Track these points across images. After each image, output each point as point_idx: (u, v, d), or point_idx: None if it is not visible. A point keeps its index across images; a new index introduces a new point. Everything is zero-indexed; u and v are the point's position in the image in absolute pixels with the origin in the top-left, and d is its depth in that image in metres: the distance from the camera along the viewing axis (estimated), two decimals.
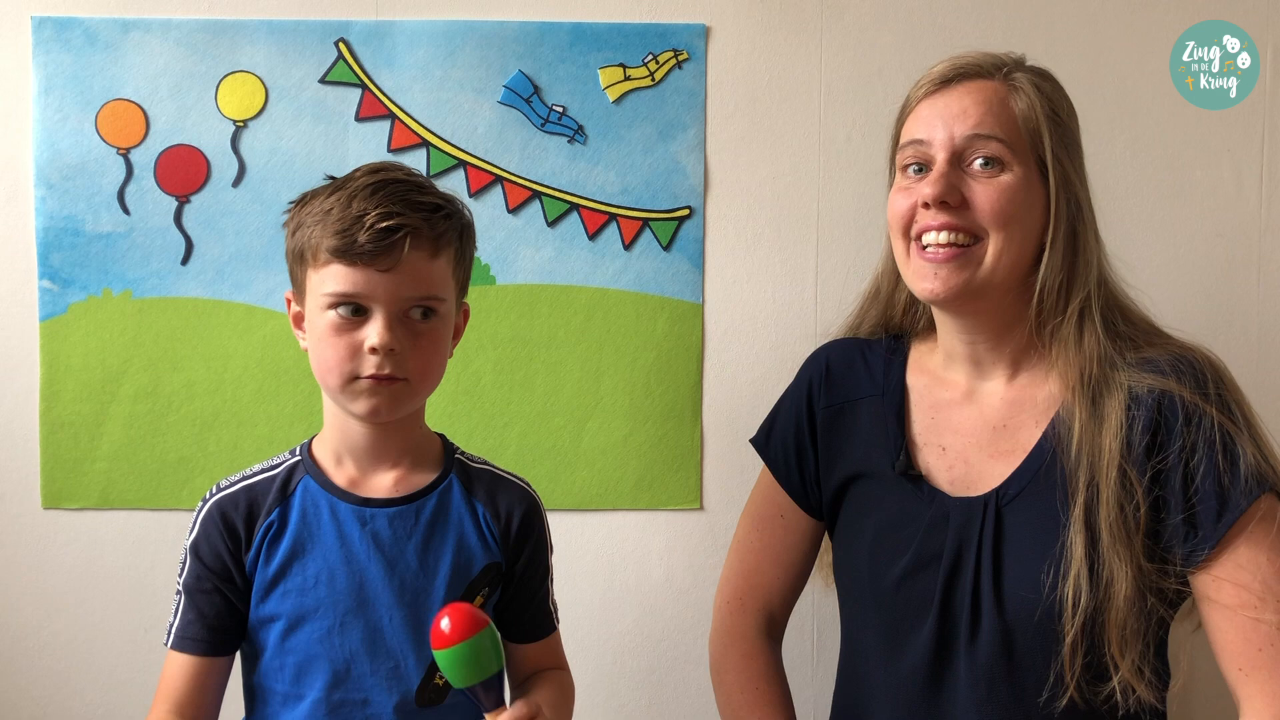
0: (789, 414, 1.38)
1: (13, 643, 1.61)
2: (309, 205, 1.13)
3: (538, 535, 1.21)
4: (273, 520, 1.14)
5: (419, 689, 1.14)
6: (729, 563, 1.42)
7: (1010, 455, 1.21)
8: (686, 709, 1.64)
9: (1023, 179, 1.17)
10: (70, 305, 1.57)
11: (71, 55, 1.56)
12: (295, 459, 1.18)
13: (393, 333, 1.09)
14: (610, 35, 1.58)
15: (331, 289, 1.09)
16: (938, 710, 1.20)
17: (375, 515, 1.15)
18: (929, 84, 1.21)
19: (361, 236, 1.07)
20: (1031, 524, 1.17)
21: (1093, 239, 1.20)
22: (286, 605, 1.13)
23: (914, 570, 1.21)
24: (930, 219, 1.18)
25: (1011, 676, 1.16)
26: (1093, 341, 1.18)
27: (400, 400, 1.12)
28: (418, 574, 1.14)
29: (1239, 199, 1.61)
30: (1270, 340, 1.61)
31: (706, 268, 1.61)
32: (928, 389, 1.30)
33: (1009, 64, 1.21)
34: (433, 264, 1.11)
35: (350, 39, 1.58)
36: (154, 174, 1.57)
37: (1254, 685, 1.12)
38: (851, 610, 1.31)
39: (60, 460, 1.59)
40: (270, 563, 1.13)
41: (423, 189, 1.13)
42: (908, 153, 1.22)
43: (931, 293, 1.19)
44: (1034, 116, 1.17)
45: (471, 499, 1.19)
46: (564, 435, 1.62)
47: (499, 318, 1.60)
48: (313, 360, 1.13)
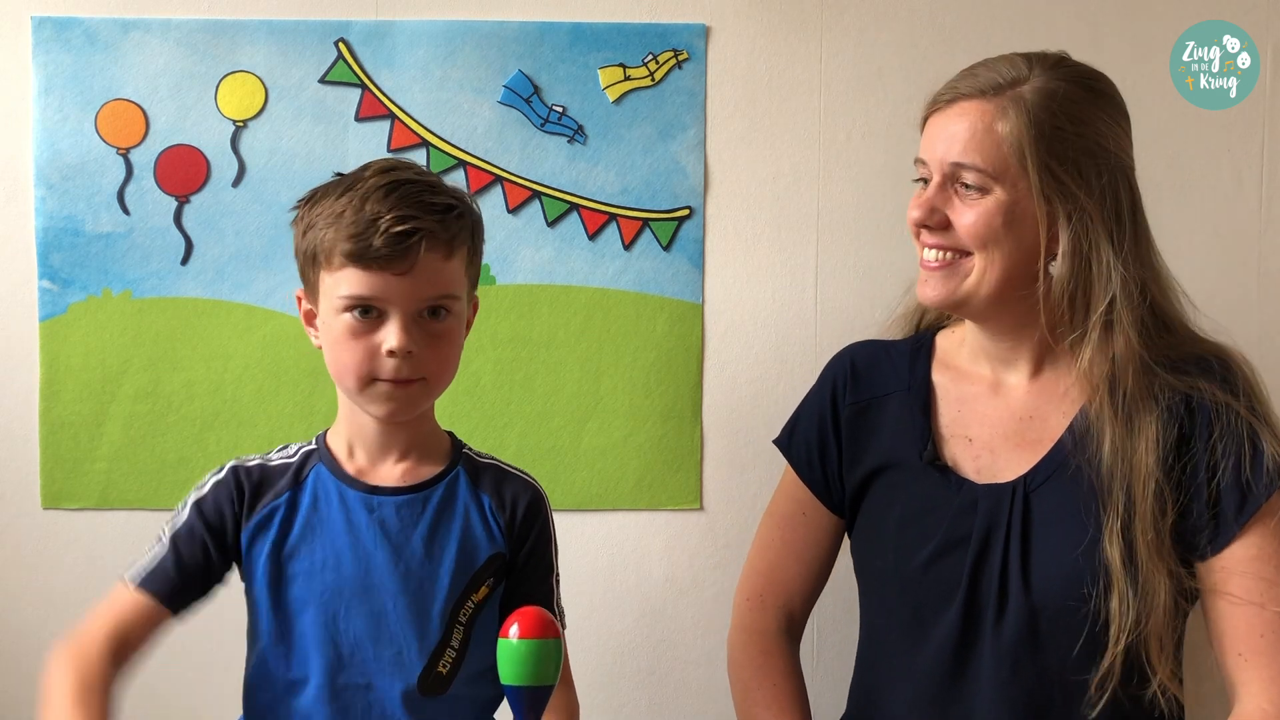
0: (812, 412, 1.39)
1: (13, 642, 1.60)
2: (319, 205, 1.13)
3: (541, 525, 1.22)
4: (280, 503, 1.15)
5: (421, 676, 1.14)
6: (749, 560, 1.43)
7: (1037, 445, 1.24)
8: (686, 709, 1.64)
9: (1006, 201, 1.18)
10: (70, 305, 1.57)
11: (71, 55, 1.55)
12: (311, 447, 1.20)
13: (409, 335, 1.10)
14: (610, 35, 1.58)
15: (346, 292, 1.10)
16: (959, 693, 1.22)
17: (383, 503, 1.16)
18: (936, 100, 1.24)
19: (377, 240, 1.07)
20: (1060, 508, 1.20)
21: (1109, 251, 1.18)
22: (293, 588, 1.14)
23: (941, 554, 1.24)
24: (924, 235, 1.23)
25: (1036, 657, 1.19)
26: (1126, 351, 1.18)
27: (417, 400, 1.14)
28: (423, 562, 1.15)
29: (1239, 199, 1.61)
30: (1270, 340, 1.61)
31: (706, 268, 1.61)
32: (953, 383, 1.32)
33: (1020, 76, 1.19)
34: (447, 264, 1.12)
35: (350, 39, 1.57)
36: (154, 174, 1.57)
37: (1252, 670, 1.15)
38: (874, 598, 1.33)
39: (60, 460, 1.59)
40: (282, 547, 1.14)
41: (435, 189, 1.13)
42: (918, 165, 1.26)
43: (927, 299, 1.25)
44: (1019, 140, 1.16)
45: (477, 491, 1.20)
46: (564, 435, 1.62)
47: (499, 318, 1.60)
48: (329, 362, 1.14)
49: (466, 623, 1.16)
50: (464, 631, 1.16)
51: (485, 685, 1.18)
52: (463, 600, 1.16)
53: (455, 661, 1.16)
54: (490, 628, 1.19)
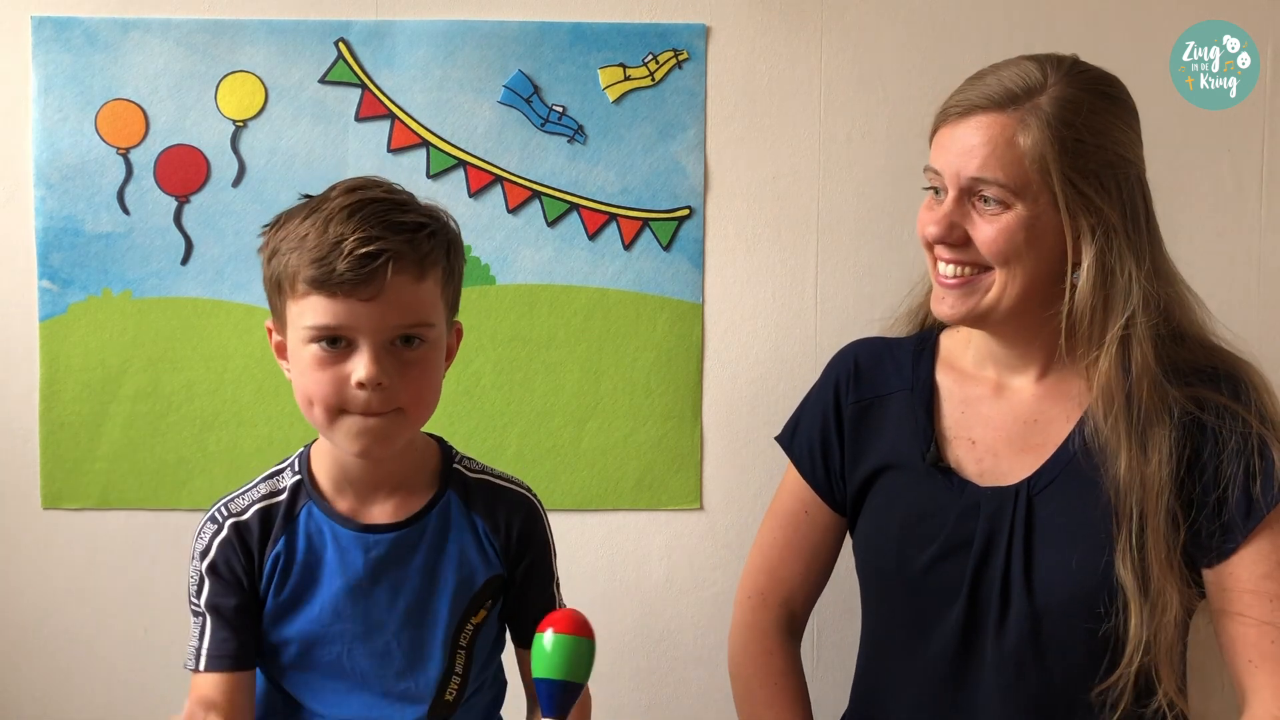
0: (815, 410, 1.39)
1: (13, 642, 1.61)
2: (284, 229, 1.07)
3: (539, 540, 1.19)
4: (279, 550, 1.12)
5: (431, 708, 1.13)
6: (751, 559, 1.43)
7: (1040, 449, 1.24)
8: (686, 709, 1.64)
9: (1027, 216, 1.16)
10: (70, 305, 1.57)
11: (71, 55, 1.55)
12: (298, 478, 1.14)
13: (380, 365, 1.03)
14: (610, 35, 1.58)
15: (311, 322, 1.03)
16: (961, 696, 1.22)
17: (378, 542, 1.12)
18: (951, 110, 1.20)
19: (340, 265, 1.00)
20: (1063, 513, 1.20)
21: (1130, 262, 1.16)
22: (296, 633, 1.12)
23: (943, 557, 1.23)
24: (940, 250, 1.21)
25: (1039, 662, 1.19)
26: (1142, 364, 1.17)
27: (392, 435, 1.07)
28: (423, 594, 1.13)
29: (1239, 199, 1.61)
30: (1270, 340, 1.61)
31: (706, 268, 1.61)
32: (957, 384, 1.31)
33: (1035, 84, 1.17)
34: (419, 288, 1.05)
35: (350, 39, 1.57)
36: (154, 174, 1.57)
37: (1263, 677, 1.14)
38: (875, 599, 1.33)
39: (60, 460, 1.59)
40: (280, 592, 1.12)
41: (404, 207, 1.06)
42: (930, 174, 1.23)
43: (944, 316, 1.23)
44: (1041, 154, 1.14)
45: (470, 513, 1.15)
46: (564, 435, 1.62)
47: (499, 318, 1.60)
48: (297, 393, 1.08)
49: (468, 646, 1.14)
50: (465, 656, 1.14)
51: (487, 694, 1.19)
52: (463, 625, 1.14)
53: (461, 686, 1.14)
54: (489, 641, 1.18)
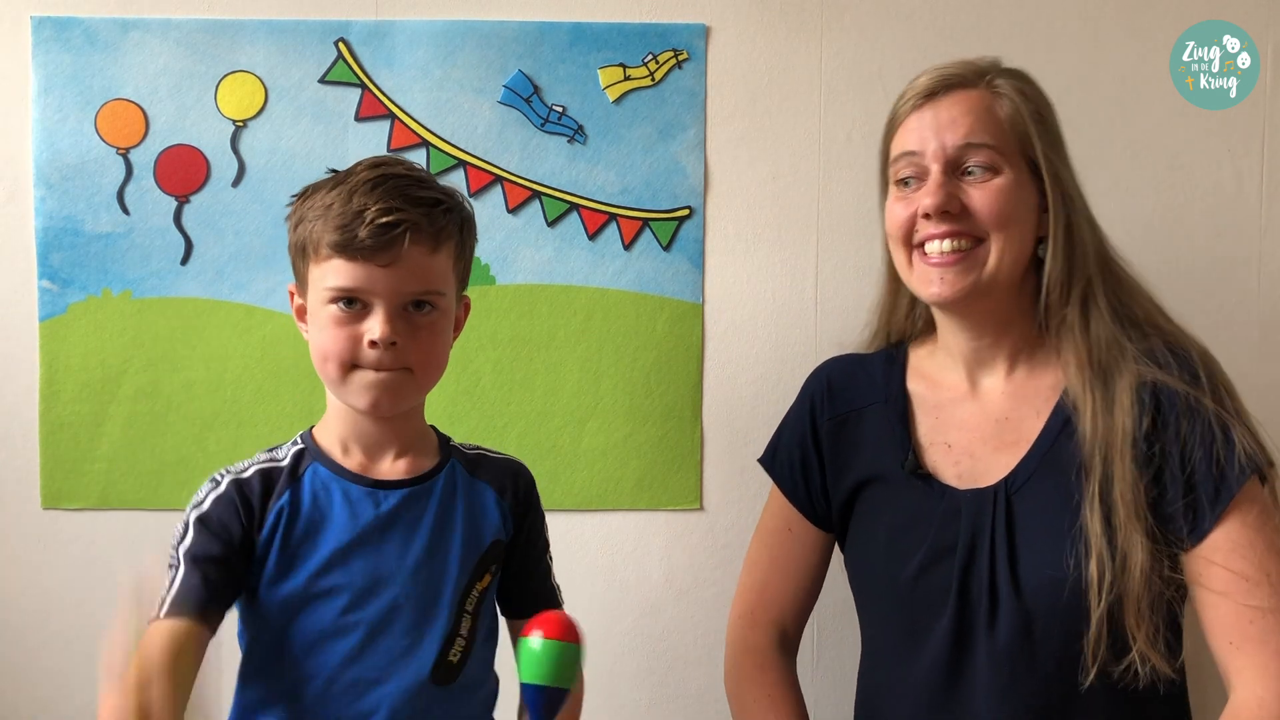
0: (793, 430, 1.40)
1: (13, 643, 1.61)
2: (311, 199, 1.14)
3: (536, 503, 1.26)
4: (284, 504, 1.14)
5: (434, 666, 1.14)
6: (741, 580, 1.44)
7: (1015, 446, 1.25)
8: (686, 709, 1.64)
9: (1015, 180, 1.21)
10: (70, 305, 1.57)
11: (71, 55, 1.55)
12: (300, 447, 1.19)
13: (392, 325, 1.11)
14: (610, 35, 1.58)
15: (332, 284, 1.11)
16: (958, 700, 1.22)
17: (388, 496, 1.17)
18: (915, 97, 1.25)
19: (362, 232, 1.09)
20: (1041, 509, 1.21)
21: (1086, 227, 1.24)
22: (300, 585, 1.13)
23: (930, 564, 1.24)
24: (932, 228, 1.22)
25: (1032, 660, 1.19)
26: (1100, 327, 1.22)
27: (402, 393, 1.14)
28: (431, 553, 1.16)
29: (1239, 199, 1.61)
30: (1270, 340, 1.61)
31: (706, 268, 1.61)
32: (929, 391, 1.32)
33: (989, 70, 1.25)
34: (433, 258, 1.13)
35: (350, 39, 1.57)
36: (153, 174, 1.57)
37: (1244, 658, 1.15)
38: (869, 612, 1.33)
39: (60, 460, 1.59)
40: (286, 544, 1.14)
41: (423, 183, 1.15)
42: (901, 165, 1.25)
43: (939, 296, 1.23)
44: (1020, 120, 1.22)
45: (475, 479, 1.22)
46: (564, 435, 1.62)
47: (499, 318, 1.60)
48: (313, 351, 1.15)
49: (473, 611, 1.17)
50: (471, 620, 1.17)
51: (486, 678, 1.20)
52: (469, 588, 1.17)
53: (465, 650, 1.16)
54: (490, 615, 1.21)
